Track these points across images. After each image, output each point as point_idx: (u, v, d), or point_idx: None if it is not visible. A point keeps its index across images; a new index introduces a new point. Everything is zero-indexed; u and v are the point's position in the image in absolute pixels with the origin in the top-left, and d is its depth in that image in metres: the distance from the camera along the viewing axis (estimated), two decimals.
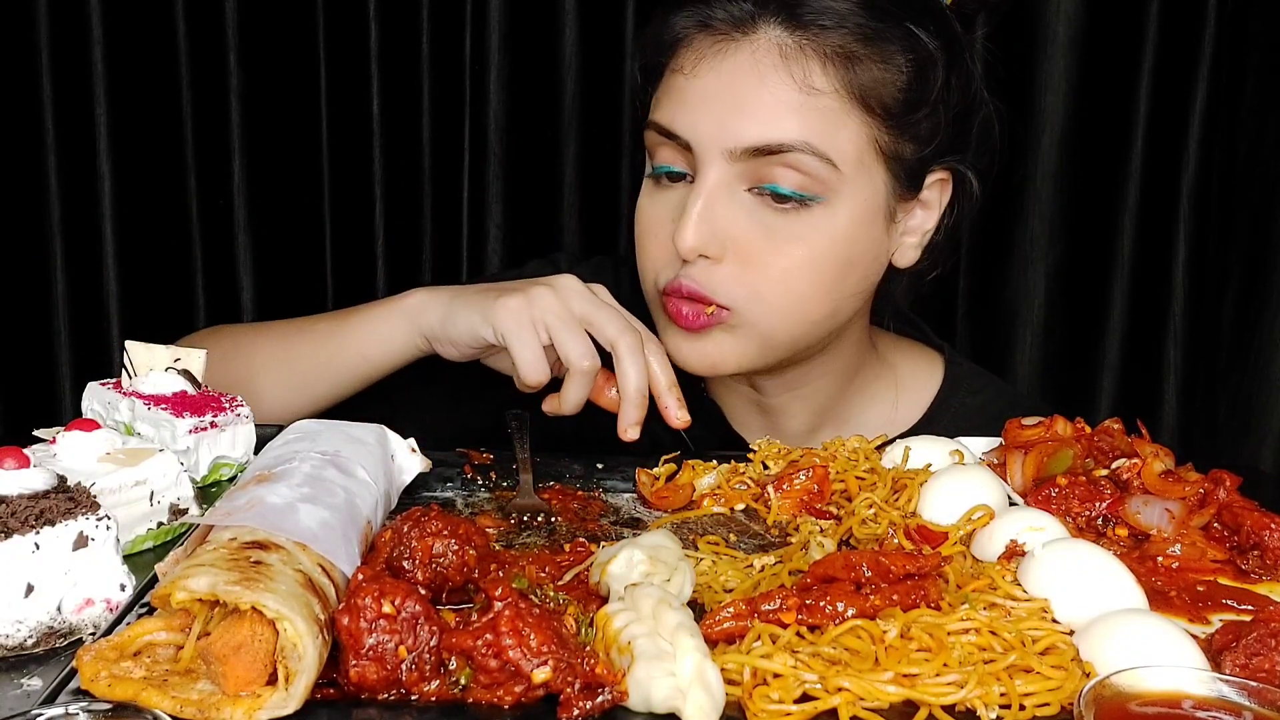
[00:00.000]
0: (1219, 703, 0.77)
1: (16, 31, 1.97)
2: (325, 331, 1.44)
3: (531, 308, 1.25)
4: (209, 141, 2.03)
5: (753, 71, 1.27)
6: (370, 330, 1.40)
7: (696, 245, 1.27)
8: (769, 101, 1.26)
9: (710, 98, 1.28)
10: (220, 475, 1.21)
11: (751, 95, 1.26)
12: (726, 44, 1.28)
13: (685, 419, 1.27)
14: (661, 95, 1.35)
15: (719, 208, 1.28)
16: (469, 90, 2.00)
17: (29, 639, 0.84)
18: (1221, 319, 2.01)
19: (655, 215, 1.36)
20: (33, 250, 2.05)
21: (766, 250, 1.29)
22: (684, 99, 1.30)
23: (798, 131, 1.25)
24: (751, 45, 1.27)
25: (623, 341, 1.25)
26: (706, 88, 1.28)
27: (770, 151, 1.26)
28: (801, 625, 0.87)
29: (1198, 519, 1.09)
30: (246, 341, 1.50)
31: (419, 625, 0.80)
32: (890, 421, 1.50)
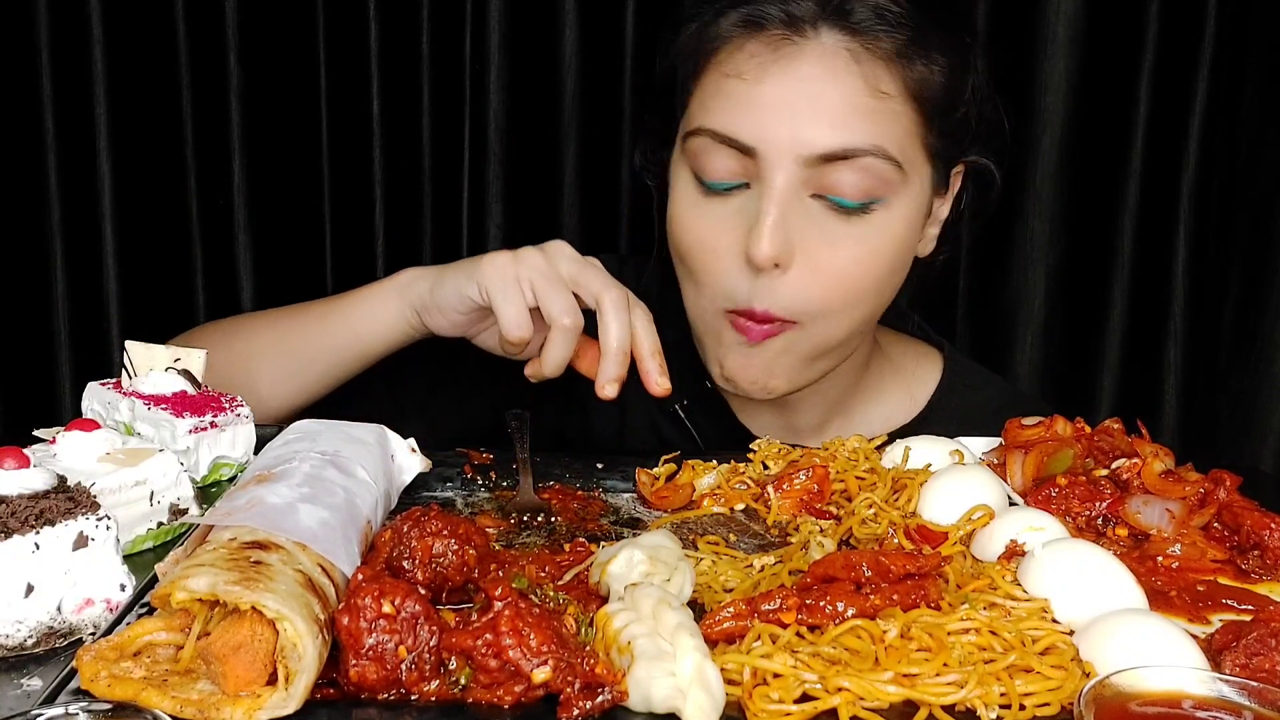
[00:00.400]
0: (1219, 703, 0.77)
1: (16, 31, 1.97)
2: (318, 314, 1.44)
3: (517, 265, 1.25)
4: (209, 141, 2.03)
5: (824, 75, 1.24)
6: (361, 309, 1.40)
7: (773, 255, 1.24)
8: (841, 105, 1.24)
9: (781, 103, 1.24)
10: (220, 475, 1.21)
11: (824, 100, 1.24)
12: (788, 47, 1.25)
13: (666, 385, 1.25)
14: (711, 101, 1.29)
15: (789, 214, 1.26)
16: (469, 90, 2.00)
17: (29, 639, 0.84)
18: (1222, 319, 2.01)
19: (708, 227, 1.31)
20: (33, 250, 2.05)
21: (831, 256, 1.28)
22: (748, 105, 1.25)
23: (869, 135, 1.24)
24: (817, 48, 1.25)
25: (607, 296, 1.24)
26: (774, 93, 1.24)
27: (842, 156, 1.24)
28: (801, 625, 0.87)
29: (1198, 519, 1.09)
30: (243, 329, 1.49)
31: (419, 625, 0.80)
32: (894, 415, 1.52)
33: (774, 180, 1.25)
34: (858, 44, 1.25)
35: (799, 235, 1.26)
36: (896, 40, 1.26)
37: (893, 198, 1.28)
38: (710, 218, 1.31)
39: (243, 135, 2.02)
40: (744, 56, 1.27)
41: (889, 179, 1.26)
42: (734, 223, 1.28)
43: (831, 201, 1.26)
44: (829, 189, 1.25)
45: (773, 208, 1.24)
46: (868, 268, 1.29)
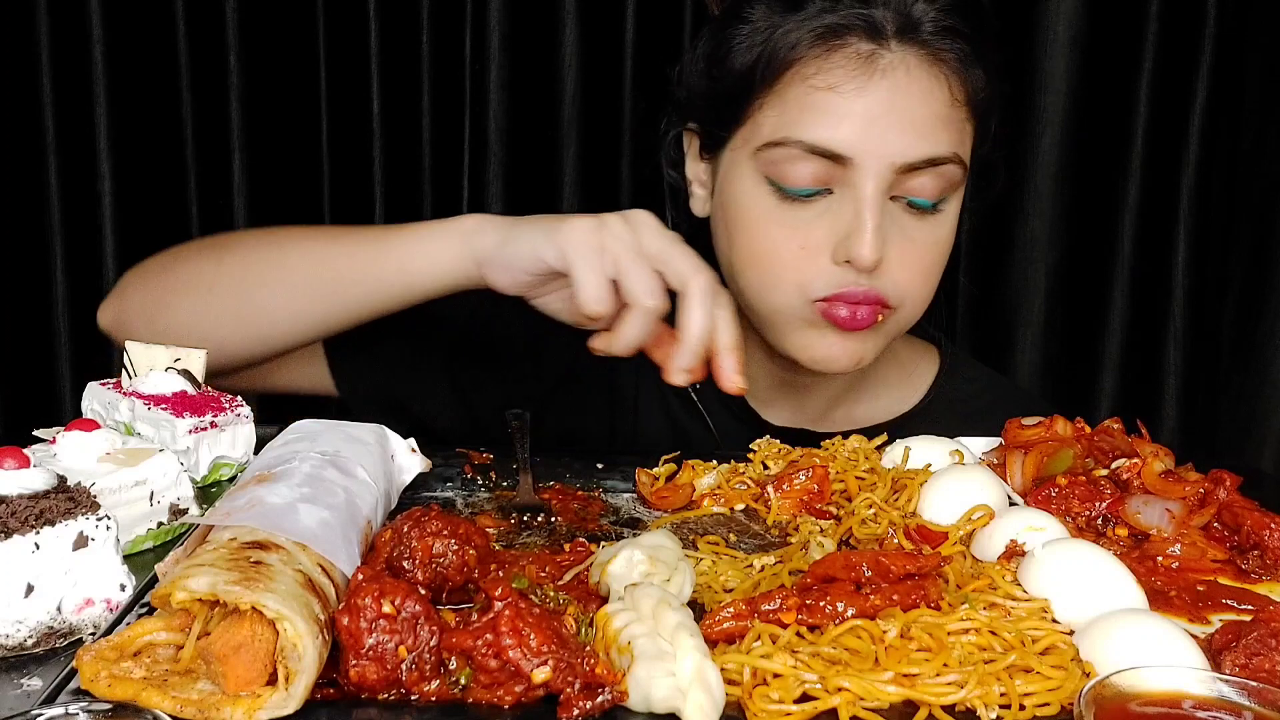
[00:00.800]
0: (1219, 703, 0.77)
1: (16, 31, 1.97)
2: (365, 241, 1.35)
3: (603, 233, 1.19)
4: (209, 141, 2.03)
5: (915, 87, 1.29)
6: (417, 246, 1.31)
7: (877, 258, 1.29)
8: (929, 116, 1.30)
9: (877, 114, 1.28)
10: (220, 475, 1.21)
11: (915, 111, 1.29)
12: (878, 60, 1.29)
13: (741, 384, 1.20)
14: (797, 111, 1.31)
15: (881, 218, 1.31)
16: (469, 90, 2.00)
17: (29, 639, 0.84)
18: (1222, 319, 2.01)
19: (792, 228, 1.33)
20: (33, 250, 2.05)
21: (913, 252, 1.35)
22: (844, 117, 1.28)
23: (950, 144, 1.32)
24: (901, 62, 1.30)
25: (694, 282, 1.18)
26: (871, 105, 1.28)
27: (929, 164, 1.30)
28: (801, 625, 0.87)
29: (1198, 519, 1.09)
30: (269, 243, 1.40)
31: (419, 625, 0.80)
32: (895, 405, 1.56)
33: (867, 186, 1.29)
34: (932, 55, 1.31)
35: (886, 235, 1.32)
36: (958, 52, 1.32)
37: (953, 196, 1.37)
38: (795, 222, 1.34)
39: (243, 135, 2.02)
40: (834, 69, 1.30)
41: (956, 181, 1.35)
42: (822, 224, 1.33)
43: (909, 203, 1.33)
44: (909, 192, 1.32)
45: (873, 214, 1.29)
46: (938, 258, 1.38)
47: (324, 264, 1.34)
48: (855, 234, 1.29)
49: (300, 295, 1.35)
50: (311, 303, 1.35)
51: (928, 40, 1.30)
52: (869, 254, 1.28)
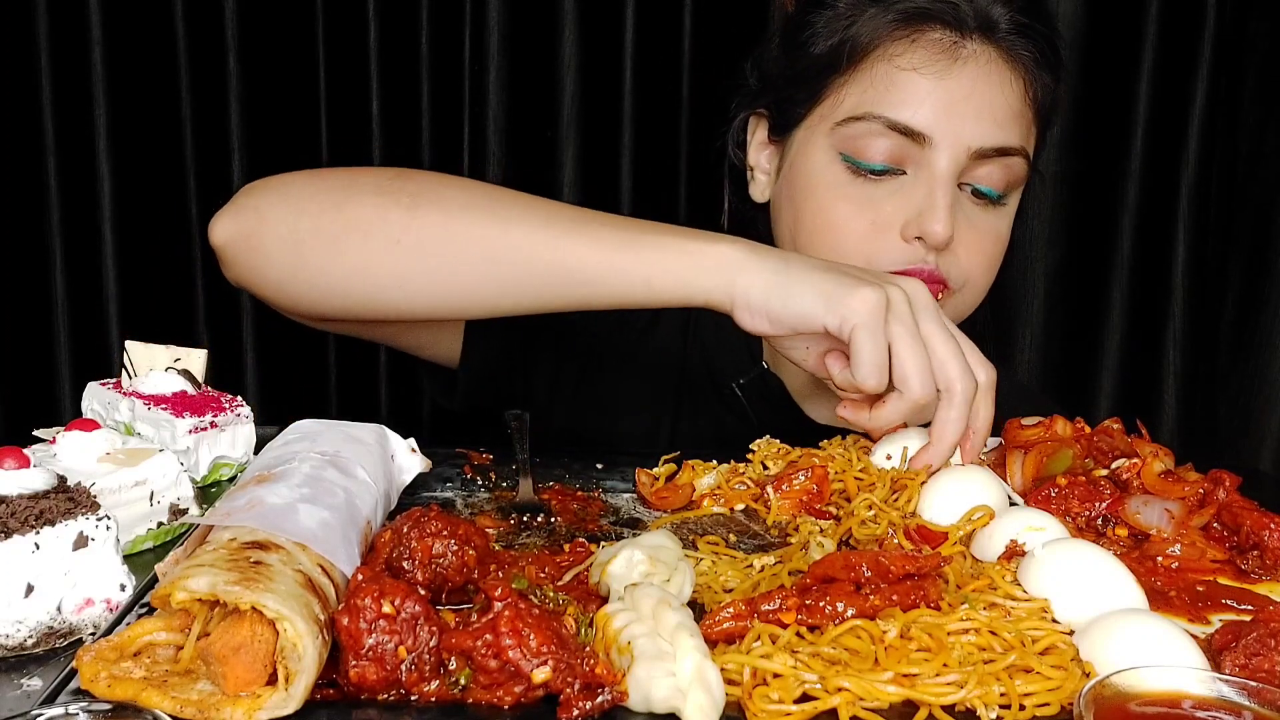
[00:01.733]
0: (1219, 703, 0.77)
1: (16, 32, 1.97)
2: (603, 237, 1.18)
3: (890, 313, 1.11)
4: (209, 142, 2.03)
5: (994, 77, 1.35)
6: (672, 262, 1.17)
7: (949, 235, 1.33)
8: (1005, 106, 1.35)
9: (958, 100, 1.33)
10: (220, 475, 1.21)
11: (994, 100, 1.35)
12: (962, 49, 1.35)
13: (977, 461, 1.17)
14: (881, 89, 1.36)
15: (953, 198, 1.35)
16: (468, 90, 2.00)
17: (29, 639, 0.84)
18: (1221, 319, 2.01)
19: (863, 202, 1.37)
20: (33, 250, 2.05)
21: (979, 240, 1.39)
22: (928, 97, 1.33)
23: (1021, 137, 1.37)
24: (982, 53, 1.35)
25: (959, 387, 1.12)
26: (952, 89, 1.33)
27: (1000, 154, 1.35)
28: (801, 625, 0.87)
29: (1197, 519, 1.09)
30: (486, 208, 1.21)
31: (419, 625, 0.80)
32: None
33: (942, 167, 1.34)
34: (1007, 51, 1.36)
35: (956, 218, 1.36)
36: (1032, 52, 1.38)
37: (1015, 193, 1.42)
38: (866, 198, 1.37)
39: (243, 135, 2.02)
40: (920, 52, 1.35)
41: (1021, 177, 1.40)
42: (893, 202, 1.36)
43: (974, 192, 1.38)
44: (977, 180, 1.37)
45: (946, 193, 1.34)
46: (999, 250, 1.43)
47: (555, 256, 1.17)
48: (929, 210, 1.33)
49: (516, 284, 1.19)
50: (526, 293, 1.20)
51: (1004, 38, 1.36)
52: (942, 230, 1.32)
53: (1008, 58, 1.36)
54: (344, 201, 1.21)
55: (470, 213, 1.20)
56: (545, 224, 1.19)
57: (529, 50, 1.98)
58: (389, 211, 1.19)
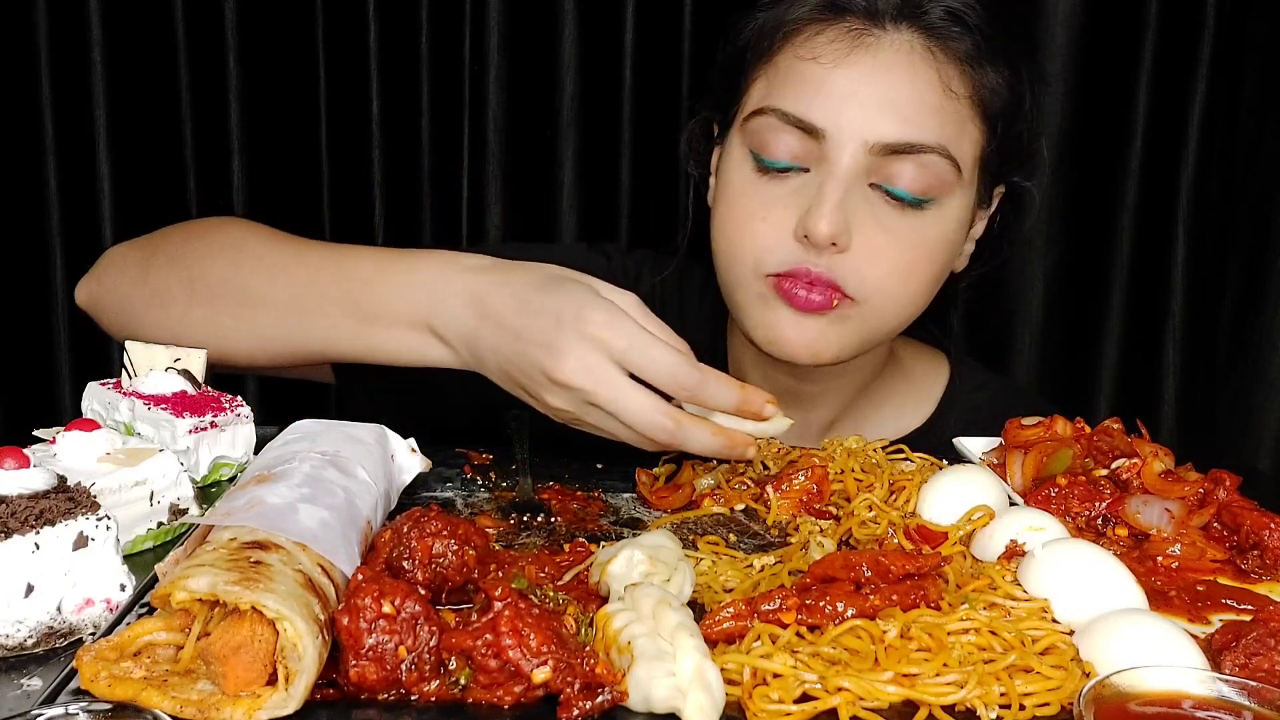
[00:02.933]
0: (1219, 703, 0.77)
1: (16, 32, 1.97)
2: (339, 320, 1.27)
3: (580, 403, 1.12)
4: (209, 141, 2.03)
5: (903, 68, 1.26)
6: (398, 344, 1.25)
7: (832, 233, 1.25)
8: (914, 99, 1.26)
9: (856, 90, 1.26)
10: (220, 475, 1.21)
11: (898, 91, 1.26)
12: (867, 37, 1.27)
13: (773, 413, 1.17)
14: (783, 83, 1.31)
15: (849, 198, 1.27)
16: (468, 90, 2.00)
17: (29, 639, 0.84)
18: (1220, 319, 2.01)
19: (760, 201, 1.32)
20: (33, 251, 2.05)
21: (888, 244, 1.29)
22: (822, 88, 1.27)
23: (936, 133, 1.27)
24: (896, 41, 1.27)
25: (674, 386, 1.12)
26: (851, 79, 1.26)
27: (907, 150, 1.26)
28: (801, 625, 0.87)
29: (1197, 519, 1.09)
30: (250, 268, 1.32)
31: (419, 625, 0.80)
32: (905, 420, 1.53)
33: (839, 162, 1.27)
34: (934, 43, 1.28)
35: (857, 220, 1.28)
36: (968, 44, 1.29)
37: (946, 199, 1.31)
38: (764, 193, 1.32)
39: (243, 135, 2.02)
40: (822, 41, 1.29)
41: (946, 179, 1.29)
42: (789, 201, 1.30)
43: (888, 192, 1.29)
44: (888, 179, 1.28)
45: (836, 188, 1.26)
46: (922, 261, 1.32)
47: (309, 320, 1.27)
48: (815, 207, 1.26)
49: (277, 344, 1.30)
50: (292, 352, 1.31)
51: (931, 26, 1.28)
52: (824, 228, 1.24)
53: (929, 48, 1.28)
54: (146, 273, 1.37)
55: (233, 269, 1.31)
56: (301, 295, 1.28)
57: (529, 50, 1.98)
58: (173, 284, 1.33)
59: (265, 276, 1.31)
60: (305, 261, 1.31)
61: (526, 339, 1.13)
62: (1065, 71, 1.93)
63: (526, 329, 1.14)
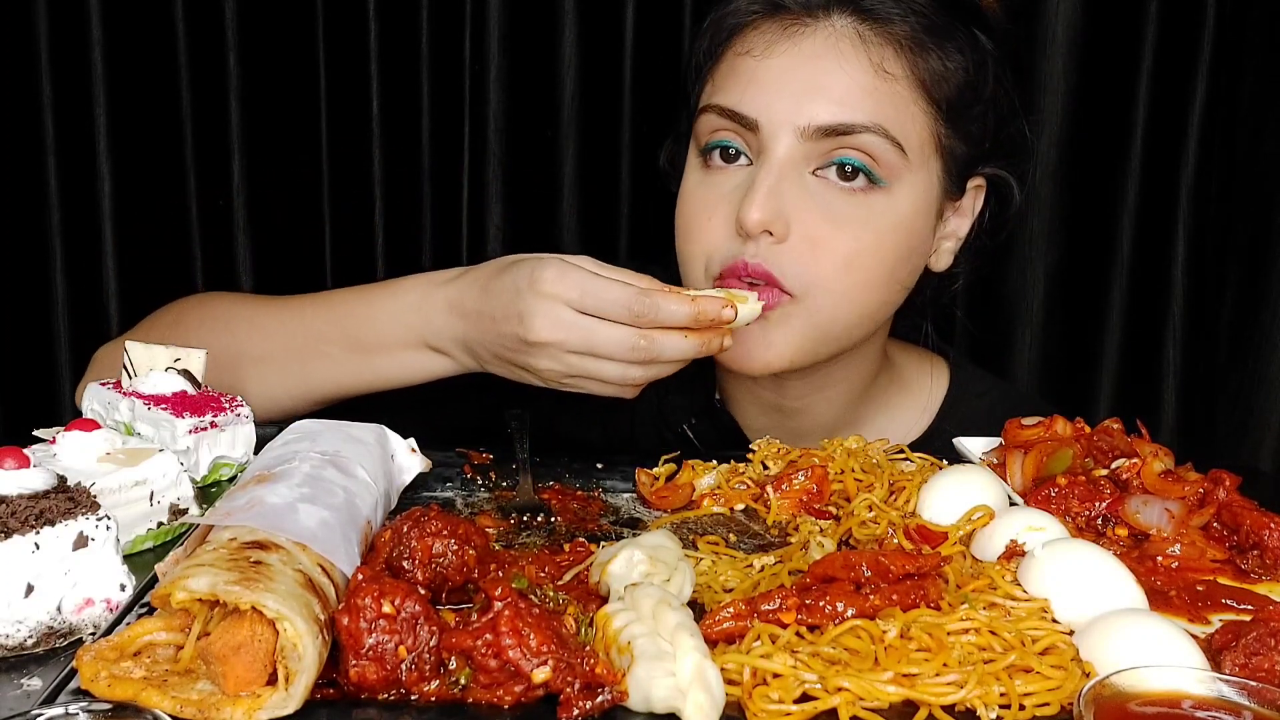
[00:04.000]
0: (1219, 703, 0.77)
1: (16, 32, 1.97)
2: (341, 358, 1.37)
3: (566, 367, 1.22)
4: (209, 141, 2.03)
5: (830, 53, 1.27)
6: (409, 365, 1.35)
7: (764, 220, 1.24)
8: (844, 82, 1.26)
9: (784, 77, 1.27)
10: (220, 475, 1.21)
11: (828, 76, 1.26)
12: (799, 27, 1.29)
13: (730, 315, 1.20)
14: (723, 79, 1.33)
15: (786, 186, 1.26)
16: (469, 90, 2.00)
17: (29, 639, 0.84)
18: (1221, 318, 2.01)
19: (707, 197, 1.32)
20: (33, 251, 2.05)
21: (831, 233, 1.27)
22: (754, 79, 1.29)
23: (871, 113, 1.26)
24: (827, 28, 1.28)
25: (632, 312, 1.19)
26: (779, 67, 1.27)
27: (842, 132, 1.25)
28: (801, 625, 0.87)
29: (1197, 519, 1.09)
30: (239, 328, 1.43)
31: (419, 625, 0.80)
32: (904, 430, 1.50)
33: (773, 149, 1.27)
34: (868, 28, 1.28)
35: (797, 209, 1.27)
36: (909, 26, 1.28)
37: (895, 183, 1.29)
38: (710, 190, 1.33)
39: (243, 135, 2.02)
40: (758, 36, 1.30)
41: (890, 161, 1.27)
42: (732, 197, 1.30)
43: (831, 179, 1.27)
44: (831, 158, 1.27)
45: (767, 176, 1.26)
46: (868, 248, 1.29)
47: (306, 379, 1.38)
48: (747, 195, 1.26)
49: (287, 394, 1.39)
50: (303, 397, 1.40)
51: (869, 13, 1.28)
52: (754, 214, 1.24)
53: (862, 31, 1.27)
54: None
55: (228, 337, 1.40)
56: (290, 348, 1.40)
57: (529, 50, 1.97)
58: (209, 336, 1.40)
59: (261, 336, 1.40)
60: (296, 313, 1.41)
61: (499, 318, 1.23)
62: (1065, 71, 1.93)
63: (495, 309, 1.23)
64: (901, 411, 1.52)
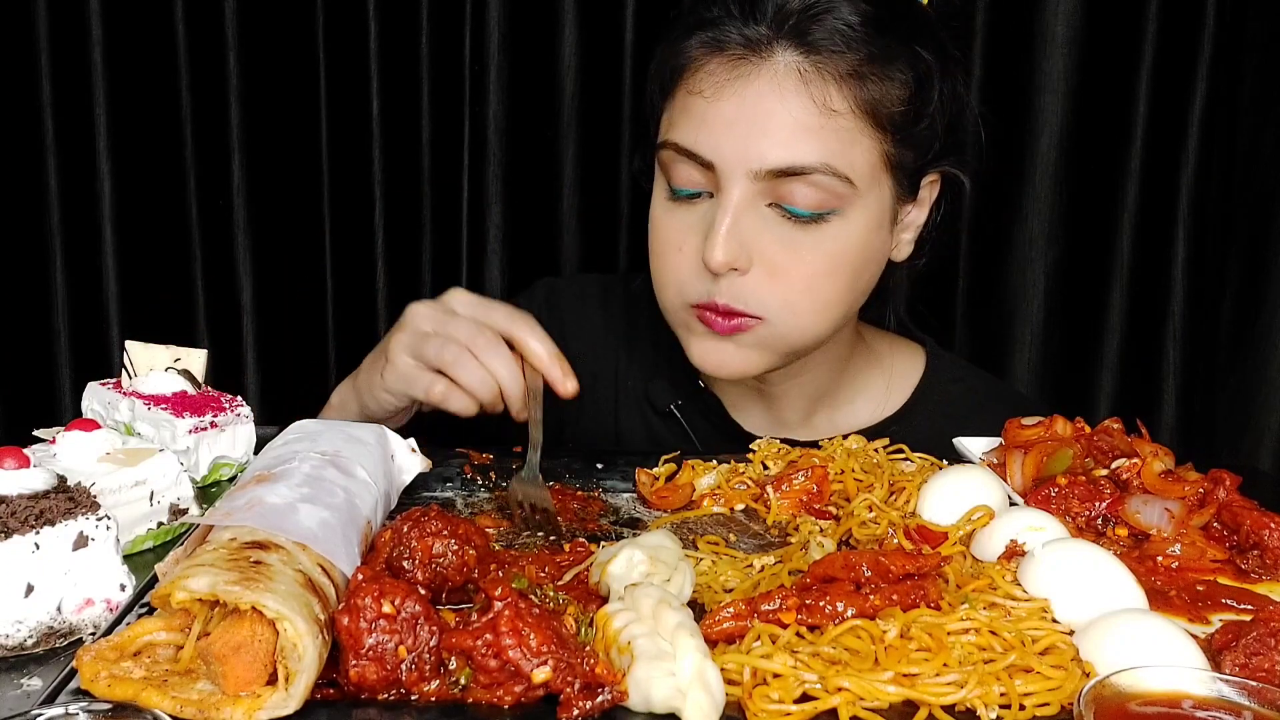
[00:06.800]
0: (1219, 703, 0.77)
1: (16, 32, 1.97)
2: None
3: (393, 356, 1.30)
4: (209, 142, 2.03)
5: (774, 95, 1.29)
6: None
7: (726, 260, 1.30)
8: (790, 124, 1.28)
9: (733, 121, 1.30)
10: (220, 475, 1.21)
11: (774, 119, 1.29)
12: (744, 67, 1.30)
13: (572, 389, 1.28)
14: (678, 116, 1.35)
15: (743, 222, 1.31)
16: (469, 90, 2.00)
17: (29, 639, 0.84)
18: (1220, 318, 2.01)
19: (675, 230, 1.38)
20: (33, 250, 2.05)
21: (790, 261, 1.32)
22: (705, 121, 1.31)
23: (817, 153, 1.29)
24: (771, 69, 1.29)
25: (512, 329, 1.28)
26: (728, 111, 1.30)
27: (792, 173, 1.29)
28: (801, 625, 0.87)
29: (1197, 519, 1.09)
30: None
31: (419, 625, 0.80)
32: (879, 406, 1.57)
33: (729, 191, 1.31)
34: (810, 64, 1.29)
35: (756, 241, 1.32)
36: (852, 59, 1.29)
37: (847, 209, 1.33)
38: (678, 222, 1.38)
39: (243, 135, 2.02)
40: (704, 75, 1.33)
41: (839, 192, 1.31)
42: (698, 228, 1.35)
43: (786, 210, 1.31)
44: (783, 199, 1.31)
45: (726, 217, 1.31)
46: (826, 272, 1.35)
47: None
48: (709, 236, 1.31)
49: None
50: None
51: (810, 49, 1.29)
52: (716, 255, 1.30)
53: (805, 69, 1.28)
54: None
55: None
56: None
57: (529, 50, 1.98)
58: None
59: None
60: None
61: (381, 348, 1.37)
62: (1065, 71, 1.93)
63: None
64: (877, 393, 1.58)
